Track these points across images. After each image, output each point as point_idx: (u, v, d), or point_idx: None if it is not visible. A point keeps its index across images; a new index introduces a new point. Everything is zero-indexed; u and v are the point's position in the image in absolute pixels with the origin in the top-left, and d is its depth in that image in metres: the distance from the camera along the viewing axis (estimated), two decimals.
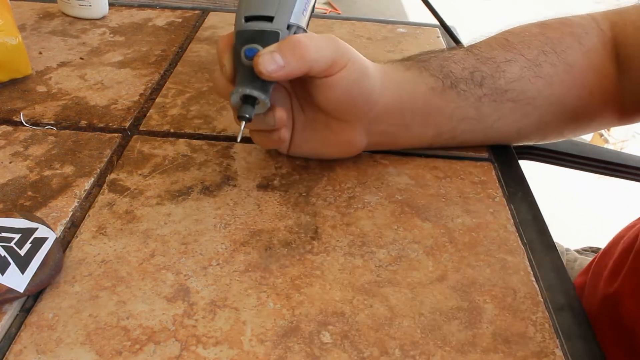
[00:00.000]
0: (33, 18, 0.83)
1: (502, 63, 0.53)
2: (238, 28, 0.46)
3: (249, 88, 0.45)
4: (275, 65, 0.44)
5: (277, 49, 0.44)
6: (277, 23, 0.46)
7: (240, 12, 0.46)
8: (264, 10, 0.46)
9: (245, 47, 0.45)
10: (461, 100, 0.52)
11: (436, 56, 0.54)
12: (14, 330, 0.39)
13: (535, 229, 0.50)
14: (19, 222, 0.43)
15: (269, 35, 0.45)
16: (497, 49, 0.54)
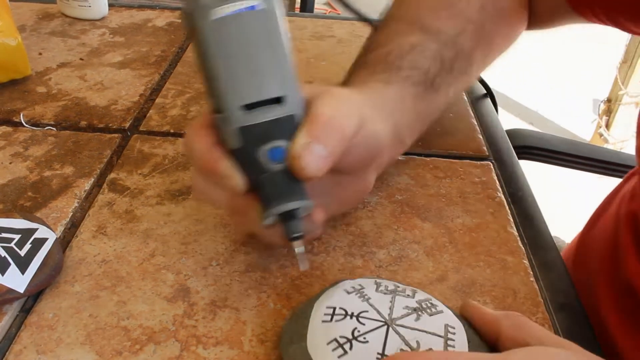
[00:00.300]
0: (33, 19, 0.83)
1: (456, 38, 0.51)
2: (236, 123, 0.35)
3: (290, 200, 0.36)
4: (321, 160, 0.35)
5: (313, 137, 0.35)
6: (289, 103, 0.36)
7: (229, 100, 0.35)
8: (268, 90, 0.35)
9: (266, 148, 0.35)
10: (440, 95, 0.51)
11: (399, 50, 0.49)
12: (14, 331, 0.39)
13: (535, 229, 0.50)
14: (19, 222, 0.43)
15: (285, 123, 0.36)
16: (443, 18, 0.51)
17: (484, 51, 0.54)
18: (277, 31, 0.36)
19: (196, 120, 0.38)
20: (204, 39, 0.35)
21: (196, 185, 0.39)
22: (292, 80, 0.36)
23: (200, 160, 0.37)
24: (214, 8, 0.34)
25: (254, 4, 0.35)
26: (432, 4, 0.52)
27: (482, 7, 0.53)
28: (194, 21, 0.35)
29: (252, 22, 0.35)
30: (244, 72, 0.35)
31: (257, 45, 0.35)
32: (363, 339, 0.34)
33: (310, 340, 0.35)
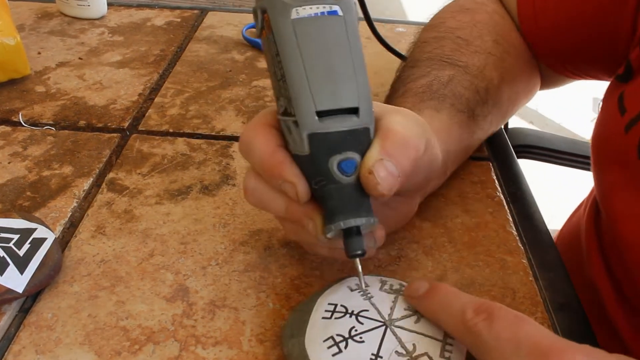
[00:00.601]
0: (32, 18, 0.83)
1: (483, 70, 0.53)
2: (309, 129, 0.34)
3: (357, 216, 0.34)
4: (393, 179, 0.34)
5: (388, 154, 0.34)
6: (365, 114, 0.35)
7: (304, 104, 0.34)
8: (345, 99, 0.34)
9: (338, 160, 0.34)
10: (478, 126, 0.52)
11: (439, 81, 0.50)
12: (13, 331, 0.39)
13: (535, 229, 0.50)
14: (18, 222, 0.43)
15: (360, 135, 0.34)
16: (466, 54, 0.53)
17: (510, 86, 0.55)
18: (356, 39, 0.35)
19: (257, 118, 0.37)
20: (283, 37, 0.34)
21: (250, 186, 0.38)
22: (367, 92, 0.35)
23: (262, 162, 0.35)
24: (296, 7, 0.33)
25: (336, 9, 0.34)
26: (452, 46, 0.54)
27: (496, 41, 0.55)
28: (273, 18, 0.34)
29: (332, 27, 0.34)
30: (322, 78, 0.34)
31: (337, 52, 0.34)
32: (359, 338, 0.34)
33: (308, 335, 0.35)
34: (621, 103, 0.47)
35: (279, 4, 0.34)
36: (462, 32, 0.55)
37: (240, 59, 0.75)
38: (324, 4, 0.34)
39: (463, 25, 0.56)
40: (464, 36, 0.55)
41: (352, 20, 0.35)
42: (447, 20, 0.58)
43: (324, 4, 0.34)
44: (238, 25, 0.85)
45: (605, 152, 0.50)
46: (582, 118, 2.58)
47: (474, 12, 0.58)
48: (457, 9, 0.59)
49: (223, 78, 0.71)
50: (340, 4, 0.34)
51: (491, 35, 0.55)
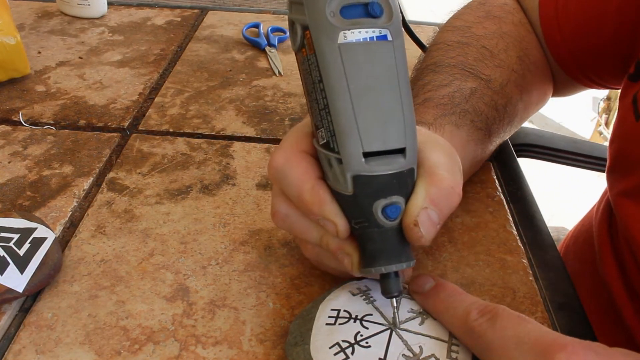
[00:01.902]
0: (32, 17, 0.83)
1: (504, 87, 0.52)
2: (353, 170, 0.32)
3: (398, 262, 0.33)
4: (434, 228, 0.33)
5: (431, 203, 0.33)
6: (411, 154, 0.33)
7: (350, 144, 0.32)
8: (394, 140, 0.32)
9: (383, 205, 0.32)
10: (491, 143, 0.52)
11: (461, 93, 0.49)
12: (13, 330, 0.39)
13: (535, 229, 0.50)
14: (18, 222, 0.43)
15: (406, 177, 0.33)
16: (490, 67, 0.53)
17: (525, 103, 0.55)
18: (404, 68, 0.32)
19: (291, 142, 0.35)
20: (329, 64, 0.31)
21: (281, 212, 0.37)
22: (414, 129, 0.33)
23: (300, 196, 0.34)
24: (344, 30, 0.31)
25: (386, 33, 0.31)
26: (476, 55, 0.53)
27: (520, 58, 0.54)
28: (317, 39, 0.31)
29: (382, 54, 0.32)
30: (371, 116, 0.31)
31: (386, 83, 0.32)
32: (365, 343, 0.34)
33: (313, 342, 0.34)
34: (635, 107, 0.47)
35: (326, 25, 0.31)
36: (488, 41, 0.54)
37: (241, 58, 0.75)
38: (374, 27, 0.31)
39: (489, 34, 0.55)
40: (490, 47, 0.54)
41: (400, 46, 0.32)
42: (474, 25, 0.56)
43: (374, 27, 0.31)
44: (238, 25, 0.85)
45: (621, 156, 0.50)
46: (582, 117, 2.57)
47: (501, 22, 0.57)
48: (484, 14, 0.58)
49: (223, 78, 0.71)
50: (391, 27, 0.32)
51: (516, 51, 0.55)
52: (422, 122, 0.46)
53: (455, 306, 0.34)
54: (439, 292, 0.35)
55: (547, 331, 0.30)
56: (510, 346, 0.30)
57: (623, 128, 0.49)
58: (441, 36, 0.57)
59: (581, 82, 0.59)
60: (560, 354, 0.28)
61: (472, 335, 0.32)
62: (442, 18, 0.63)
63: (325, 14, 0.31)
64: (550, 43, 0.56)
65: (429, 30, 0.85)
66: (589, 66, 0.56)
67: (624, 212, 0.49)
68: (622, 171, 0.50)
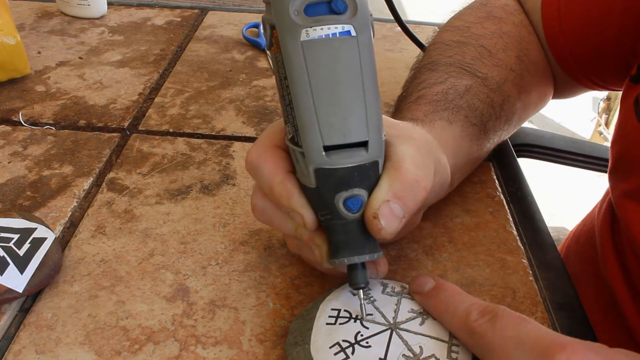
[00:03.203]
0: (32, 17, 0.83)
1: (502, 85, 0.52)
2: (315, 163, 0.33)
3: (361, 254, 0.34)
4: (397, 221, 0.34)
5: (394, 196, 0.33)
6: (374, 147, 0.33)
7: (310, 138, 0.32)
8: (355, 133, 0.32)
9: (345, 197, 0.33)
10: (488, 140, 0.52)
11: (455, 90, 0.49)
12: (13, 330, 0.39)
13: (535, 229, 0.50)
14: (18, 222, 0.43)
15: (368, 170, 0.33)
16: (487, 66, 0.53)
17: (524, 102, 0.55)
18: (370, 63, 0.33)
19: (265, 137, 0.36)
20: (291, 61, 0.32)
21: (258, 205, 0.38)
22: (379, 122, 0.33)
23: (270, 189, 0.35)
24: (306, 28, 0.31)
25: (349, 28, 0.32)
26: (474, 54, 0.53)
27: (519, 57, 0.54)
28: (282, 37, 0.32)
29: (345, 50, 0.32)
30: (331, 109, 0.32)
31: (348, 78, 0.32)
32: (366, 343, 0.34)
33: (313, 342, 0.34)
34: (637, 108, 0.47)
35: (289, 23, 0.32)
36: (487, 41, 0.54)
37: (241, 58, 0.75)
38: (337, 24, 0.32)
39: (489, 34, 0.55)
40: (488, 46, 0.54)
41: (366, 40, 0.32)
42: (473, 25, 0.56)
43: (337, 23, 0.32)
44: (238, 25, 0.85)
45: (623, 158, 0.50)
46: (582, 117, 2.57)
47: (501, 22, 0.57)
48: (485, 14, 0.58)
49: (223, 78, 0.71)
50: (355, 23, 0.32)
51: (515, 51, 0.55)
52: (413, 119, 0.46)
53: (456, 306, 0.34)
54: (439, 293, 0.36)
55: (547, 331, 0.30)
56: (510, 346, 0.30)
57: (625, 130, 0.49)
58: (440, 36, 0.57)
59: (583, 84, 0.59)
60: (560, 354, 0.28)
61: (472, 336, 0.32)
62: (442, 18, 0.63)
63: (289, 12, 0.31)
64: (552, 44, 0.56)
65: (429, 30, 0.85)
66: (591, 68, 0.56)
67: (626, 214, 0.49)
68: (624, 172, 0.50)
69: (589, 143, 0.92)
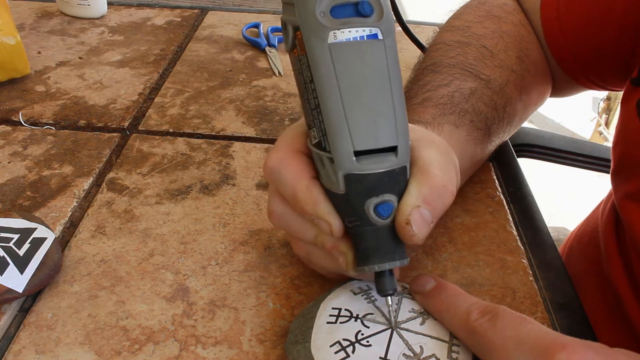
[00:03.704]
0: (32, 17, 0.83)
1: (504, 87, 0.52)
2: (345, 169, 0.32)
3: (392, 260, 0.34)
4: (427, 227, 0.33)
5: (424, 201, 0.33)
6: (403, 152, 0.33)
7: (340, 143, 0.32)
8: (385, 138, 0.32)
9: (375, 203, 0.33)
10: (491, 143, 0.52)
11: (461, 93, 0.49)
12: (13, 330, 0.39)
13: (535, 229, 0.50)
14: (18, 222, 0.43)
15: (398, 175, 0.33)
16: (490, 67, 0.53)
17: (524, 103, 0.55)
18: (396, 66, 0.32)
19: (286, 141, 0.36)
20: (319, 64, 0.31)
21: (277, 211, 0.37)
22: (406, 127, 0.33)
23: (294, 196, 0.34)
24: (334, 30, 0.31)
25: (376, 32, 0.31)
26: (476, 55, 0.53)
27: (520, 58, 0.54)
28: (307, 39, 0.31)
29: (373, 53, 0.31)
30: (361, 115, 0.31)
31: (376, 82, 0.32)
32: (366, 342, 0.34)
33: (314, 341, 0.34)
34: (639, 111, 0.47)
35: (315, 24, 0.31)
36: (488, 41, 0.54)
37: (241, 58, 0.75)
38: (364, 27, 0.31)
39: (489, 34, 0.55)
40: (489, 46, 0.54)
41: (392, 44, 0.32)
42: (473, 25, 0.56)
43: (364, 26, 0.31)
44: (238, 25, 0.85)
45: (625, 160, 0.50)
46: (582, 117, 2.58)
47: (501, 21, 0.57)
48: (484, 13, 0.58)
49: (223, 78, 0.71)
50: (381, 26, 0.32)
51: (515, 51, 0.55)
52: (421, 122, 0.46)
53: (456, 306, 0.34)
54: (439, 292, 0.36)
55: (548, 331, 0.30)
56: (510, 346, 0.30)
57: (627, 132, 0.49)
58: (441, 36, 0.57)
59: (582, 83, 0.59)
60: (560, 354, 0.28)
61: (472, 336, 0.32)
62: (442, 18, 0.63)
63: (315, 14, 0.31)
64: (552, 44, 0.56)
65: (429, 30, 0.85)
66: (591, 68, 0.56)
67: (628, 215, 0.49)
68: (626, 174, 0.50)
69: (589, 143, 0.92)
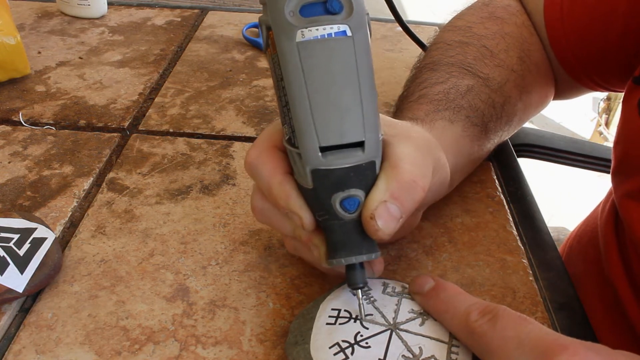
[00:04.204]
0: (32, 17, 0.83)
1: (503, 86, 0.52)
2: (311, 164, 0.33)
3: (359, 254, 0.34)
4: (395, 222, 0.34)
5: (391, 196, 0.33)
6: (371, 148, 0.33)
7: (306, 139, 0.32)
8: (351, 134, 0.32)
9: (341, 198, 0.33)
10: (489, 141, 0.52)
11: (457, 89, 0.49)
12: (13, 330, 0.39)
13: (535, 229, 0.50)
14: (18, 222, 0.43)
15: (364, 170, 0.33)
16: (489, 66, 0.53)
17: (525, 103, 0.55)
18: (366, 61, 0.33)
19: (264, 138, 0.37)
20: (287, 63, 0.32)
21: (258, 206, 0.38)
22: (375, 122, 0.33)
23: (269, 190, 0.35)
24: (301, 29, 0.31)
25: (345, 28, 0.32)
26: (476, 54, 0.53)
27: (521, 58, 0.54)
28: (277, 38, 0.32)
29: (340, 50, 0.32)
30: (327, 110, 0.32)
31: (344, 79, 0.32)
32: (365, 343, 0.34)
33: (313, 342, 0.34)
34: None
35: (284, 24, 0.32)
36: (489, 41, 0.54)
37: (241, 58, 0.75)
38: (332, 24, 0.32)
39: (490, 34, 0.55)
40: (490, 46, 0.54)
41: (362, 39, 0.32)
42: (475, 26, 0.56)
43: (332, 23, 0.32)
44: (238, 25, 0.85)
45: (626, 158, 0.50)
46: (582, 117, 2.58)
47: (503, 22, 0.56)
48: (487, 15, 0.58)
49: (223, 78, 0.71)
50: (350, 22, 0.32)
51: (516, 51, 0.54)
52: (414, 119, 0.46)
53: (456, 307, 0.34)
54: (439, 293, 0.36)
55: (548, 332, 0.30)
56: (510, 347, 0.30)
57: (628, 131, 0.49)
58: (441, 36, 0.57)
59: (585, 85, 0.58)
60: (561, 355, 0.28)
61: (472, 336, 0.32)
62: (442, 18, 0.63)
63: (284, 13, 0.32)
64: (555, 46, 0.56)
65: (430, 30, 0.85)
66: (594, 69, 0.56)
67: (628, 214, 0.49)
68: (626, 173, 0.50)
69: (589, 143, 0.92)
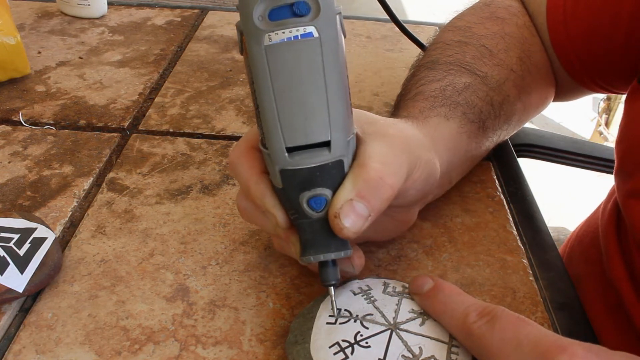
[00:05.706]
0: (32, 17, 0.83)
1: (502, 85, 0.52)
2: (279, 165, 0.34)
3: (327, 252, 0.35)
4: (361, 220, 0.34)
5: (359, 195, 0.34)
6: (337, 147, 0.34)
7: (273, 140, 0.33)
8: (316, 134, 0.33)
9: (308, 197, 0.34)
10: (487, 139, 0.52)
11: (454, 86, 0.49)
12: (13, 330, 0.39)
13: (535, 229, 0.50)
14: (18, 222, 0.43)
15: (331, 169, 0.34)
16: (488, 65, 0.53)
17: (524, 104, 0.55)
18: (335, 62, 0.33)
19: (244, 139, 0.38)
20: (255, 66, 0.33)
21: (242, 205, 0.39)
22: (343, 121, 0.34)
23: (247, 190, 0.37)
24: (268, 33, 0.32)
25: (311, 30, 0.32)
26: (475, 53, 0.53)
27: (520, 59, 0.54)
28: (248, 42, 0.33)
29: (306, 52, 0.32)
30: (292, 111, 0.33)
31: (309, 80, 0.33)
32: (365, 343, 0.34)
33: (313, 342, 0.34)
34: None
35: (253, 29, 0.32)
36: (489, 41, 0.54)
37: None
38: (298, 26, 0.32)
39: (490, 34, 0.55)
40: (490, 46, 0.54)
41: (330, 40, 0.33)
42: (475, 26, 0.56)
43: (298, 26, 0.32)
44: None
45: (629, 157, 0.50)
46: (582, 117, 2.58)
47: (504, 23, 0.56)
48: (487, 15, 0.57)
49: (223, 78, 0.71)
50: (317, 24, 0.32)
51: (516, 52, 0.54)
52: (408, 116, 0.46)
53: (454, 307, 0.34)
54: (437, 293, 0.36)
55: (547, 333, 0.30)
56: (509, 348, 0.30)
57: (630, 129, 0.49)
58: (441, 36, 0.57)
59: (588, 87, 0.58)
60: (560, 357, 0.28)
61: (470, 338, 0.32)
62: (442, 18, 0.63)
63: (253, 18, 0.32)
64: (558, 48, 0.56)
65: (430, 30, 0.85)
66: (597, 71, 0.56)
67: (631, 213, 0.49)
68: (629, 172, 0.50)
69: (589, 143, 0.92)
